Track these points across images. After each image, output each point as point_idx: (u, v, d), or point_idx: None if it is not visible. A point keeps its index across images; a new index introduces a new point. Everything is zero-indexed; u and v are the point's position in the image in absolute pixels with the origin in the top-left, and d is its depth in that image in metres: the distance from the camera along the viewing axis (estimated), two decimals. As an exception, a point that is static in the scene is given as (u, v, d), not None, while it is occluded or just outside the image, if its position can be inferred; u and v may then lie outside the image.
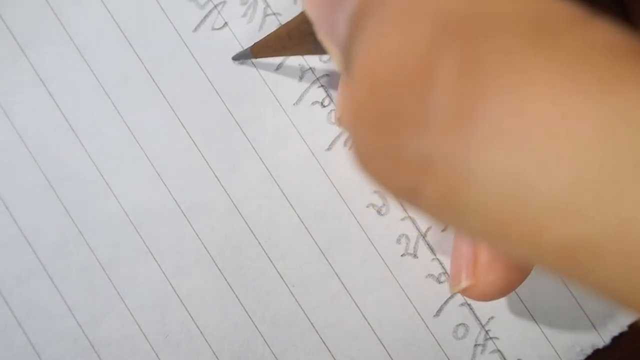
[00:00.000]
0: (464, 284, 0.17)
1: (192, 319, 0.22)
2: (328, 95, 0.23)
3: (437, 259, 0.22)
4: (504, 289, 0.17)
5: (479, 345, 0.22)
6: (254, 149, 0.23)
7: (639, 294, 0.07)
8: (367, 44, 0.08)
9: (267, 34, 0.20)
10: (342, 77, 0.18)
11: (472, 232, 0.08)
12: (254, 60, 0.23)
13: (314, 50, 0.16)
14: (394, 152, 0.08)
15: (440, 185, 0.08)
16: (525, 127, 0.07)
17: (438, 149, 0.07)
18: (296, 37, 0.16)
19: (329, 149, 0.23)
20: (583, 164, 0.07)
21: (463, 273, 0.17)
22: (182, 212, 0.22)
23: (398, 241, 0.22)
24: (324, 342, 0.22)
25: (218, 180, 0.23)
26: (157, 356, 0.22)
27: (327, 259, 0.22)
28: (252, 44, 0.21)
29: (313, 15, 0.11)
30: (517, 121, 0.07)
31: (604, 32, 0.07)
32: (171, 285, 0.22)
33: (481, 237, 0.08)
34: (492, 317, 0.22)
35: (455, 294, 0.22)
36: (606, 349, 0.22)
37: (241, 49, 0.23)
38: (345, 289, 0.22)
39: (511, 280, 0.16)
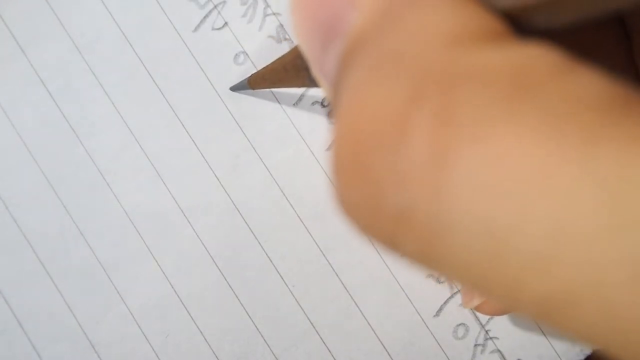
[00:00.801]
0: (476, 301, 0.17)
1: (192, 319, 0.22)
2: (328, 95, 0.23)
3: (437, 259, 0.22)
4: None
5: (479, 345, 0.22)
6: (254, 149, 0.23)
7: (619, 342, 0.07)
8: (349, 94, 0.09)
9: (263, 66, 0.20)
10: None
11: (452, 279, 0.08)
12: (254, 60, 0.23)
13: (309, 84, 0.16)
14: (373, 203, 0.08)
15: (418, 237, 0.08)
16: (500, 178, 0.07)
17: (414, 201, 0.08)
18: (292, 71, 0.17)
19: (329, 149, 0.23)
20: (561, 219, 0.07)
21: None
22: (182, 212, 0.22)
23: (398, 241, 0.22)
24: (324, 342, 0.22)
25: (218, 180, 0.23)
26: (157, 356, 0.22)
27: (327, 259, 0.22)
28: (249, 75, 0.21)
29: (305, 52, 0.11)
30: (492, 173, 0.07)
31: (587, 82, 0.07)
32: (171, 285, 0.22)
33: (461, 283, 0.08)
34: (492, 317, 0.22)
35: (455, 294, 0.22)
36: (606, 349, 0.22)
37: (241, 49, 0.23)
38: (345, 289, 0.22)
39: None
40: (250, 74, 0.21)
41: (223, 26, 0.23)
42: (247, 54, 0.23)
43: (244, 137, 0.23)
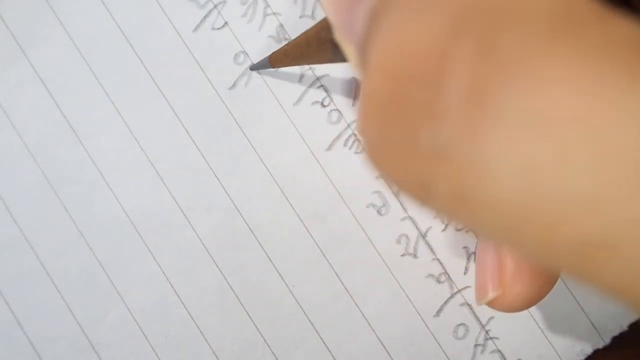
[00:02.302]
0: (490, 295, 0.16)
1: (192, 319, 0.22)
2: (328, 95, 0.23)
3: (437, 259, 0.22)
4: (532, 299, 0.16)
5: (479, 345, 0.22)
6: (254, 149, 0.23)
7: None
8: (384, 34, 0.08)
9: (285, 43, 0.20)
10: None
11: (484, 229, 0.08)
12: (254, 60, 0.23)
13: (332, 58, 0.16)
14: (406, 144, 0.08)
15: (453, 178, 0.07)
16: (546, 116, 0.07)
17: (452, 140, 0.07)
18: (314, 45, 0.16)
19: (329, 149, 0.23)
20: (605, 156, 0.06)
21: (489, 284, 0.16)
22: (182, 212, 0.22)
23: (398, 241, 0.22)
24: (324, 342, 0.22)
25: (218, 180, 0.23)
26: (157, 356, 0.22)
27: (327, 259, 0.22)
28: (270, 53, 0.21)
29: (332, 15, 0.11)
30: (537, 110, 0.07)
31: (626, 27, 0.07)
32: (171, 285, 0.22)
33: (493, 234, 0.08)
34: (492, 317, 0.22)
35: (455, 294, 0.22)
36: (606, 349, 0.22)
37: (241, 49, 0.23)
38: (345, 289, 0.22)
39: (538, 289, 0.16)
40: (270, 53, 0.21)
41: (223, 26, 0.23)
42: (247, 54, 0.23)
43: (244, 137, 0.23)
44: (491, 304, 0.17)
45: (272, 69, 0.22)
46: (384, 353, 0.22)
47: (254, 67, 0.22)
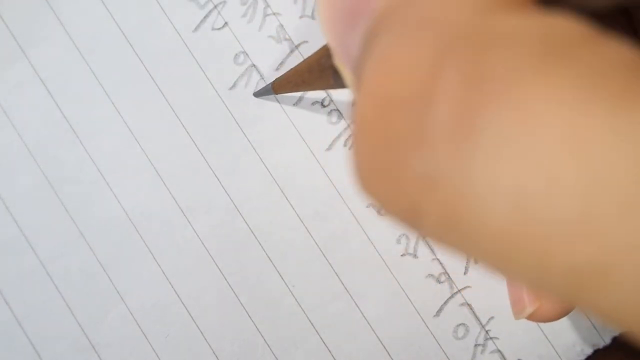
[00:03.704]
0: (529, 309, 0.16)
1: (192, 319, 0.22)
2: (328, 95, 0.23)
3: (437, 259, 0.22)
4: (569, 307, 0.16)
5: (479, 345, 0.22)
6: (254, 149, 0.23)
7: None
8: (374, 59, 0.08)
9: (287, 70, 0.20)
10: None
11: (475, 256, 0.08)
12: (254, 61, 0.23)
13: (333, 84, 0.16)
14: (395, 170, 0.08)
15: (442, 205, 0.07)
16: (533, 141, 0.06)
17: (440, 165, 0.07)
18: (316, 71, 0.16)
19: (329, 149, 0.23)
20: (595, 181, 0.06)
21: (525, 299, 0.16)
22: (182, 212, 0.22)
23: (398, 241, 0.22)
24: (324, 342, 0.22)
25: (218, 180, 0.23)
26: (157, 356, 0.22)
27: (327, 259, 0.22)
28: (273, 80, 0.21)
29: (330, 39, 0.11)
30: (525, 135, 0.07)
31: (617, 49, 0.07)
32: (171, 285, 0.22)
33: (484, 260, 0.08)
34: (492, 317, 0.22)
35: (455, 294, 0.22)
36: (606, 349, 0.22)
37: (241, 49, 0.23)
38: (345, 289, 0.22)
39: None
40: (273, 80, 0.21)
41: (223, 26, 0.23)
42: (247, 54, 0.23)
43: (244, 137, 0.23)
44: (531, 317, 0.16)
45: (275, 95, 0.22)
46: (384, 353, 0.22)
47: (258, 94, 0.23)
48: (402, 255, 0.22)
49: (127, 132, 0.23)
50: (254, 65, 0.23)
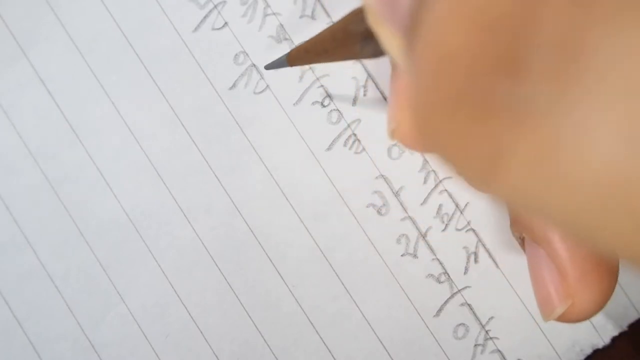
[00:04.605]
0: (559, 309, 0.14)
1: (192, 319, 0.22)
2: (328, 95, 0.23)
3: (437, 259, 0.22)
4: (602, 302, 0.14)
5: (479, 345, 0.22)
6: (254, 149, 0.23)
7: None
8: (438, 9, 0.07)
9: (305, 40, 0.18)
10: (393, 90, 0.17)
11: (559, 214, 0.06)
12: (254, 60, 0.23)
13: (359, 53, 0.15)
14: (479, 105, 0.07)
15: (535, 144, 0.06)
16: None
17: (538, 97, 0.06)
18: (341, 39, 0.15)
19: (329, 149, 0.23)
20: None
21: (554, 298, 0.15)
22: (182, 212, 0.22)
23: (398, 241, 0.22)
24: (324, 342, 0.22)
25: (218, 180, 0.23)
26: (157, 356, 0.22)
27: (327, 259, 0.22)
28: (288, 51, 0.19)
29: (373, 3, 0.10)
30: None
31: None
32: (171, 285, 0.22)
33: (573, 222, 0.06)
34: (492, 317, 0.22)
35: (455, 294, 0.22)
36: (606, 349, 0.22)
37: (241, 49, 0.23)
38: (345, 289, 0.22)
39: (607, 290, 0.14)
40: (288, 50, 0.19)
41: (223, 26, 0.23)
42: (247, 54, 0.23)
43: (244, 137, 0.23)
44: (561, 318, 0.15)
45: (289, 67, 0.20)
46: (384, 353, 0.22)
47: (270, 66, 0.21)
48: (402, 255, 0.22)
49: (127, 132, 0.23)
50: (254, 65, 0.23)
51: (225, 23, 0.23)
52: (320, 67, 0.23)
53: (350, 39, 0.15)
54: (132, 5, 0.23)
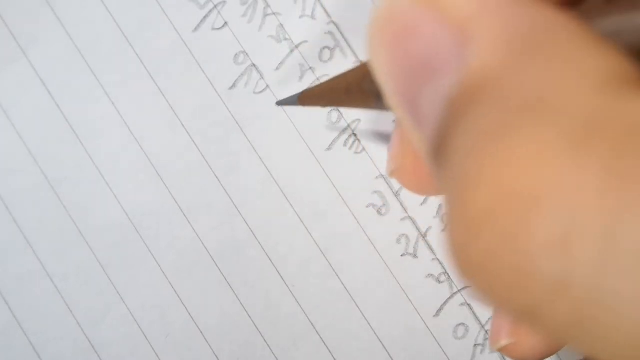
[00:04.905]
0: (503, 342, 0.16)
1: (192, 319, 0.22)
2: (328, 95, 0.23)
3: (437, 259, 0.22)
4: (545, 353, 0.16)
5: (479, 345, 0.22)
6: (254, 149, 0.23)
7: None
8: (479, 145, 0.08)
9: (316, 83, 0.18)
10: (396, 129, 0.17)
11: (595, 355, 0.07)
12: (254, 60, 0.23)
13: (375, 107, 0.14)
14: (519, 270, 0.07)
15: (570, 307, 0.07)
16: None
17: (575, 269, 0.07)
18: (356, 94, 0.15)
19: (329, 149, 0.23)
20: None
21: (504, 331, 0.16)
22: (182, 212, 0.22)
23: (398, 241, 0.22)
24: (324, 342, 0.22)
25: (218, 180, 0.23)
26: (157, 356, 0.22)
27: (327, 259, 0.22)
28: (301, 91, 0.19)
29: (389, 85, 0.10)
30: None
31: None
32: (171, 285, 0.22)
33: (609, 358, 0.07)
34: (491, 317, 0.22)
35: (455, 294, 0.22)
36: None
37: (241, 49, 0.23)
38: (345, 289, 0.22)
39: (552, 346, 0.16)
40: (301, 90, 0.19)
41: (223, 26, 0.23)
42: (247, 54, 0.23)
43: (244, 137, 0.23)
44: (503, 350, 0.16)
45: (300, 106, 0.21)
46: (384, 353, 0.22)
47: (281, 103, 0.21)
48: (402, 255, 0.22)
49: (127, 132, 0.23)
50: (253, 65, 0.23)
51: (225, 23, 0.23)
52: (321, 67, 0.23)
53: (365, 95, 0.14)
54: (132, 5, 0.23)
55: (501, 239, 0.07)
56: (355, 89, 0.15)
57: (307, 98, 0.19)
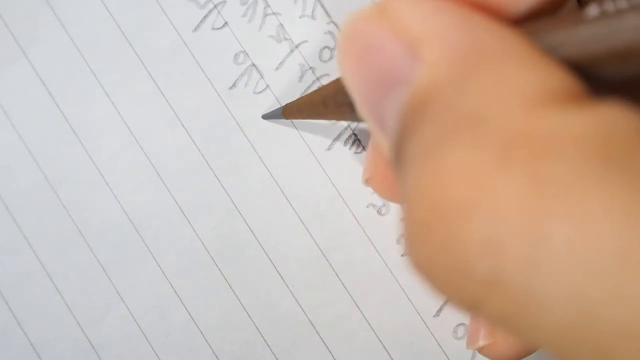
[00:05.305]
0: (481, 342, 0.16)
1: (192, 319, 0.22)
2: (328, 95, 0.23)
3: (437, 259, 0.22)
4: (520, 353, 0.16)
5: (479, 345, 0.22)
6: (254, 149, 0.23)
7: None
8: (424, 157, 0.08)
9: (300, 96, 0.19)
10: (372, 139, 0.18)
11: (530, 342, 0.08)
12: (254, 60, 0.23)
13: (351, 118, 0.15)
14: (458, 267, 0.08)
15: (506, 302, 0.08)
16: (593, 256, 0.07)
17: (506, 269, 0.07)
18: (332, 106, 0.16)
19: (329, 149, 0.23)
20: None
21: (481, 331, 0.17)
22: (182, 212, 0.22)
23: (398, 241, 0.22)
24: (324, 342, 0.22)
25: (218, 180, 0.23)
26: (157, 356, 0.22)
27: (327, 259, 0.22)
28: (284, 104, 0.21)
29: (356, 96, 0.10)
30: (585, 249, 0.07)
31: None
32: (171, 285, 0.22)
33: (539, 346, 0.08)
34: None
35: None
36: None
37: (241, 49, 0.23)
38: (345, 289, 0.22)
39: (527, 346, 0.16)
40: (284, 104, 0.21)
41: (223, 26, 0.23)
42: (247, 54, 0.23)
43: (244, 137, 0.23)
44: (481, 350, 0.17)
45: (285, 119, 0.22)
46: (384, 353, 0.22)
47: (266, 117, 0.22)
48: (402, 255, 0.22)
49: (127, 132, 0.23)
50: (254, 65, 0.23)
51: (225, 23, 0.23)
52: (321, 67, 0.23)
53: (340, 108, 0.15)
54: (132, 5, 0.23)
55: (440, 246, 0.08)
56: (331, 101, 0.16)
57: (290, 112, 0.20)
